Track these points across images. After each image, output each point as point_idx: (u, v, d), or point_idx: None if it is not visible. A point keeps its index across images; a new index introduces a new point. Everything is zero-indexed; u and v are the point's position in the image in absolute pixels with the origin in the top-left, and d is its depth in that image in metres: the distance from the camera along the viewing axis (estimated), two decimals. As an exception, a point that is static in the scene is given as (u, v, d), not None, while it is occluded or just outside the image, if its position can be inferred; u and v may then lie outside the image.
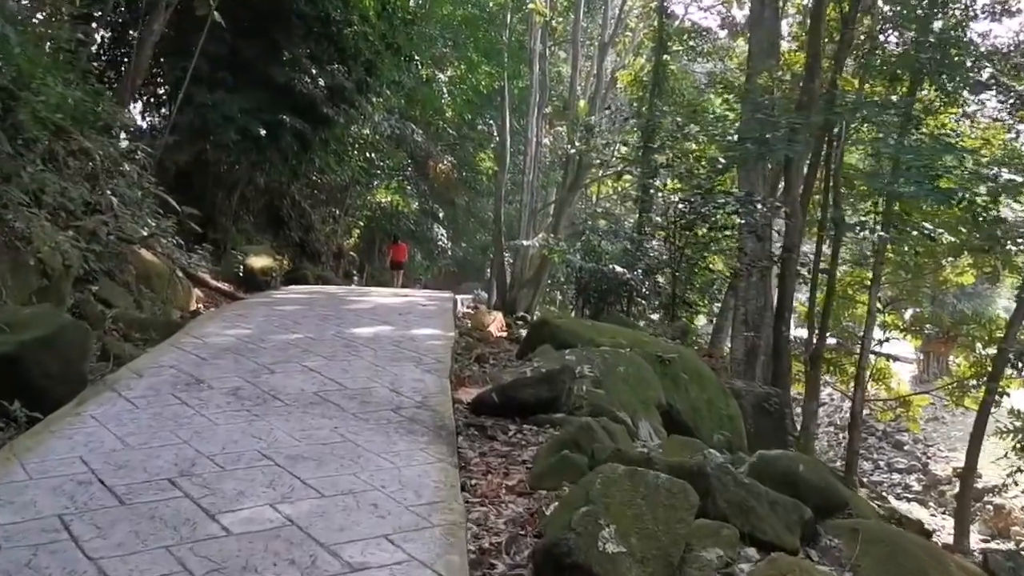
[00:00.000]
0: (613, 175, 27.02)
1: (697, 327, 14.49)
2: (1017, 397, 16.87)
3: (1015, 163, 12.58)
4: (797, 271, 12.00)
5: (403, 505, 3.40)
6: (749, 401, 8.22)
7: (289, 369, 5.46)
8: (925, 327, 22.97)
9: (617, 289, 13.48)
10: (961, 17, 14.19)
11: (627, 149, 23.57)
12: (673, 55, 24.28)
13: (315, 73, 14.35)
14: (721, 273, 13.96)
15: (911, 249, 12.92)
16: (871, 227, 11.91)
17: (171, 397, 4.74)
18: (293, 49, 14.24)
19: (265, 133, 13.32)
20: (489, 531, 3.54)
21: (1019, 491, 19.60)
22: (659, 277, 13.77)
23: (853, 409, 13.86)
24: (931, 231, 11.33)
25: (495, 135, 29.08)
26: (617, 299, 13.85)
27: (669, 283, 12.45)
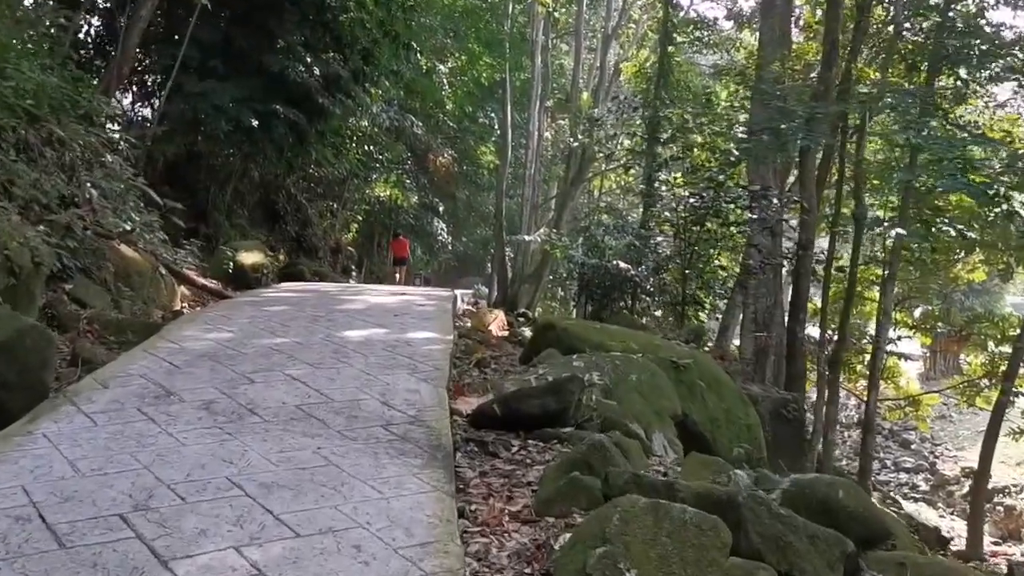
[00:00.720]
0: (620, 168, 26.50)
1: (704, 325, 13.96)
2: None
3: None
4: (813, 269, 11.50)
5: (391, 547, 2.92)
6: (766, 407, 7.74)
7: (271, 379, 4.97)
8: (937, 325, 22.40)
9: (621, 286, 13.09)
10: (979, 4, 13.70)
11: (630, 143, 23.09)
12: (678, 47, 23.80)
13: (310, 62, 13.83)
14: (731, 270, 13.45)
15: (929, 246, 12.39)
16: (891, 223, 11.38)
17: (136, 412, 4.25)
18: (287, 37, 13.72)
19: (258, 124, 12.82)
20: (491, 567, 3.07)
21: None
22: (665, 275, 13.33)
23: (867, 412, 13.37)
24: (963, 229, 10.80)
25: (496, 128, 28.62)
26: (621, 296, 13.46)
27: (678, 280, 11.96)
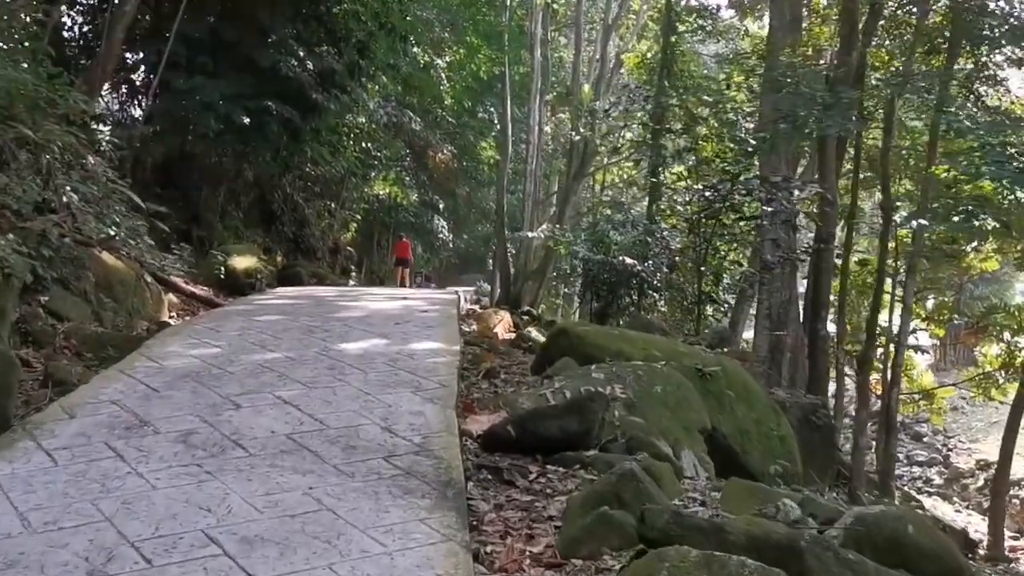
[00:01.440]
0: (625, 161, 25.99)
1: (719, 323, 13.45)
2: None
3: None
4: (834, 263, 10.98)
5: (396, 623, 2.41)
6: (794, 414, 7.25)
7: (259, 402, 4.46)
8: (954, 317, 21.90)
9: (627, 281, 12.62)
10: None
11: (632, 135, 22.57)
12: (680, 36, 23.30)
13: (302, 56, 13.29)
14: (743, 265, 12.93)
15: (951, 236, 11.87)
16: (910, 214, 10.84)
17: (103, 447, 3.74)
18: (278, 30, 13.18)
19: (249, 121, 12.31)
20: (513, 628, 2.58)
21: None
22: (676, 272, 12.86)
23: (888, 410, 12.86)
24: (1008, 220, 10.25)
25: (496, 123, 28.10)
26: (627, 292, 13.00)
27: (688, 278, 11.45)
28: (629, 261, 12.33)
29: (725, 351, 8.51)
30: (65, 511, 3.10)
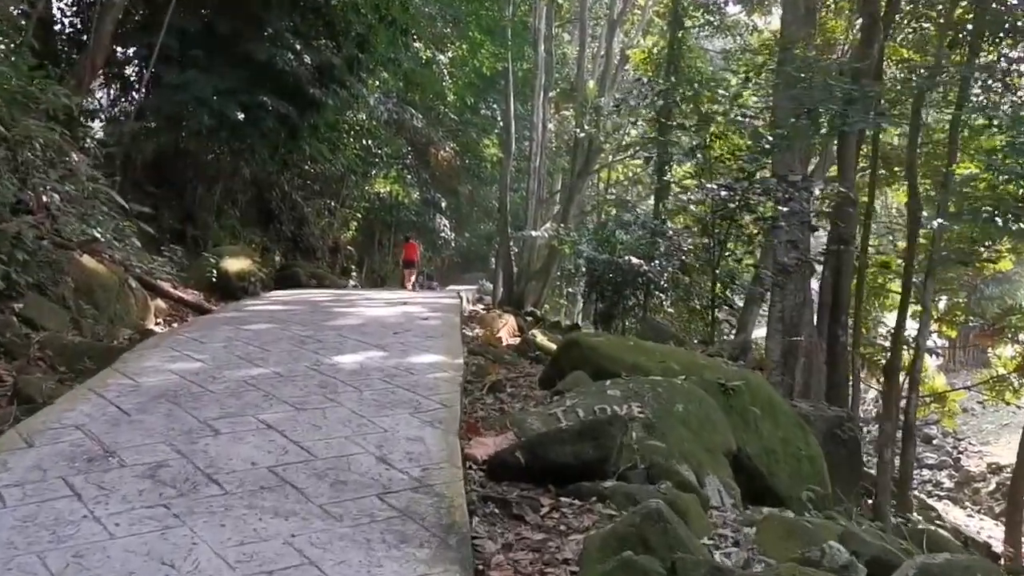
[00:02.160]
0: (635, 158, 25.57)
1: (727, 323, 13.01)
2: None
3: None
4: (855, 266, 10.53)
5: None
6: (819, 428, 6.81)
7: (240, 427, 4.01)
8: (969, 319, 21.43)
9: (633, 282, 12.21)
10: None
11: (636, 132, 22.13)
12: (687, 31, 22.87)
13: (300, 49, 12.83)
14: (756, 267, 12.48)
15: (971, 237, 11.41)
16: (930, 215, 10.38)
17: (60, 484, 3.30)
18: (275, 23, 12.73)
19: (244, 117, 11.87)
20: None
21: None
22: (686, 273, 12.44)
23: (907, 416, 12.40)
24: None
25: (499, 120, 27.67)
26: (632, 293, 12.59)
27: (702, 279, 10.99)
28: (635, 261, 11.96)
29: (744, 363, 8.08)
30: (6, 566, 2.66)
